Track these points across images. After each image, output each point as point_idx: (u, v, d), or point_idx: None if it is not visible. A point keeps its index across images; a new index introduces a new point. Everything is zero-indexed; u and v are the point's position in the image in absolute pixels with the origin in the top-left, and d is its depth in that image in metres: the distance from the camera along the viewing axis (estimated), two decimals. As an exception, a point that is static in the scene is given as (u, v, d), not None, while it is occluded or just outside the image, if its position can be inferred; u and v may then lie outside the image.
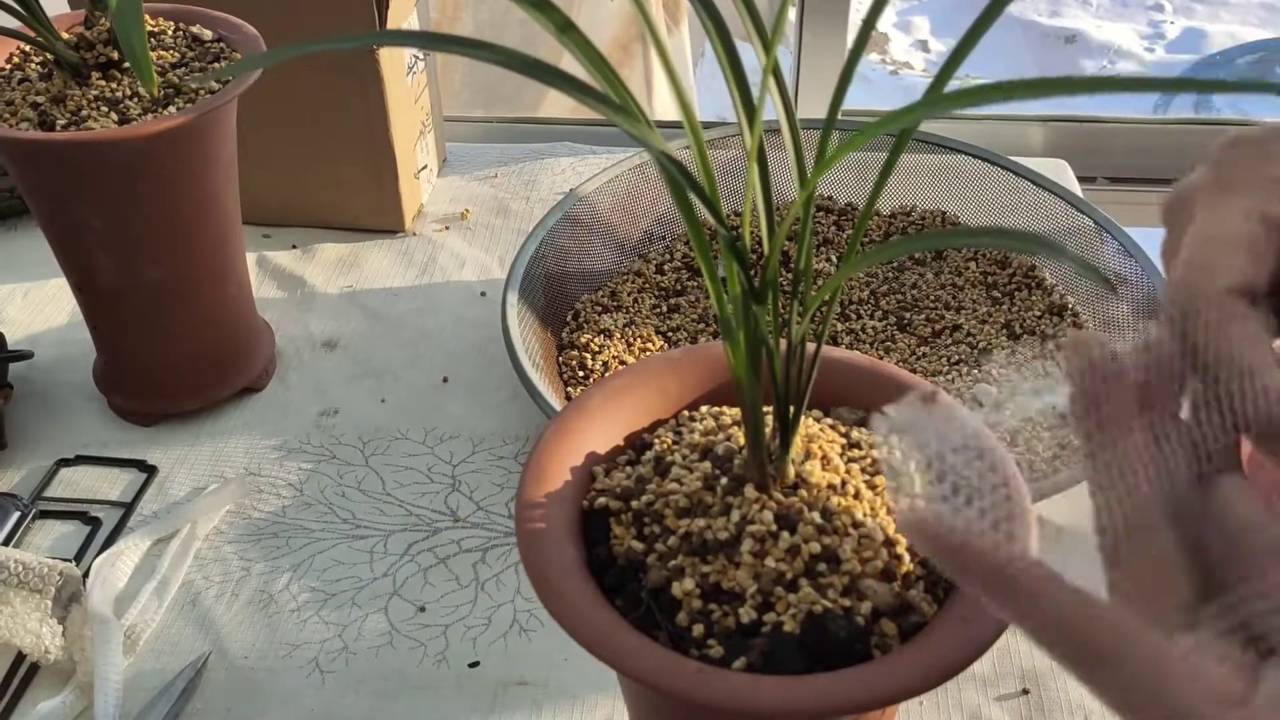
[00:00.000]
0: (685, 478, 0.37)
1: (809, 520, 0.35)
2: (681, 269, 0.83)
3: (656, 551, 0.36)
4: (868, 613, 0.34)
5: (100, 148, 0.61)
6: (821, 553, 0.35)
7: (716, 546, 0.35)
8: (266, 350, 0.77)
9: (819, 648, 0.33)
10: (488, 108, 1.55)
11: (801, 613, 0.34)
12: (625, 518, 0.38)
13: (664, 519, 0.37)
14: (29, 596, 0.59)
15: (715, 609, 0.35)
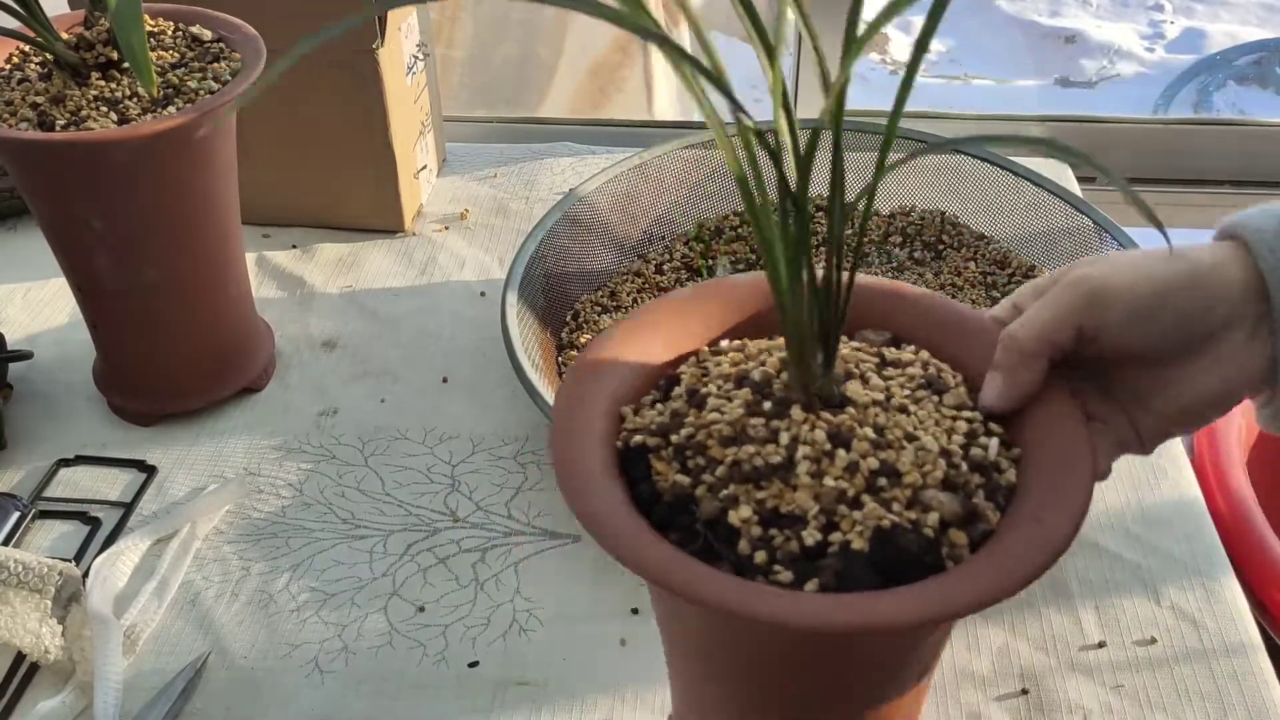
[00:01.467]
0: (725, 407, 0.37)
1: (863, 436, 0.35)
2: (681, 269, 0.82)
3: (704, 483, 0.35)
4: (935, 524, 0.33)
5: (100, 148, 0.61)
6: (880, 467, 0.34)
7: (769, 471, 0.34)
8: (266, 350, 0.77)
9: (890, 563, 0.33)
10: (488, 108, 1.55)
11: (869, 529, 0.33)
12: (665, 453, 0.37)
13: (708, 450, 0.36)
14: (29, 596, 0.59)
15: (776, 534, 0.34)
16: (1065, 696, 0.57)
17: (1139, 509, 0.67)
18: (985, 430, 0.37)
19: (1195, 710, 0.56)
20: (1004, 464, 0.36)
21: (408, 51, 0.87)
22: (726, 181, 0.87)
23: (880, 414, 0.35)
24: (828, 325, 0.36)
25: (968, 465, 0.35)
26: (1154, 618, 0.61)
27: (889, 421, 0.35)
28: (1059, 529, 0.32)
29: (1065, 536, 0.32)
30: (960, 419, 0.36)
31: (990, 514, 0.34)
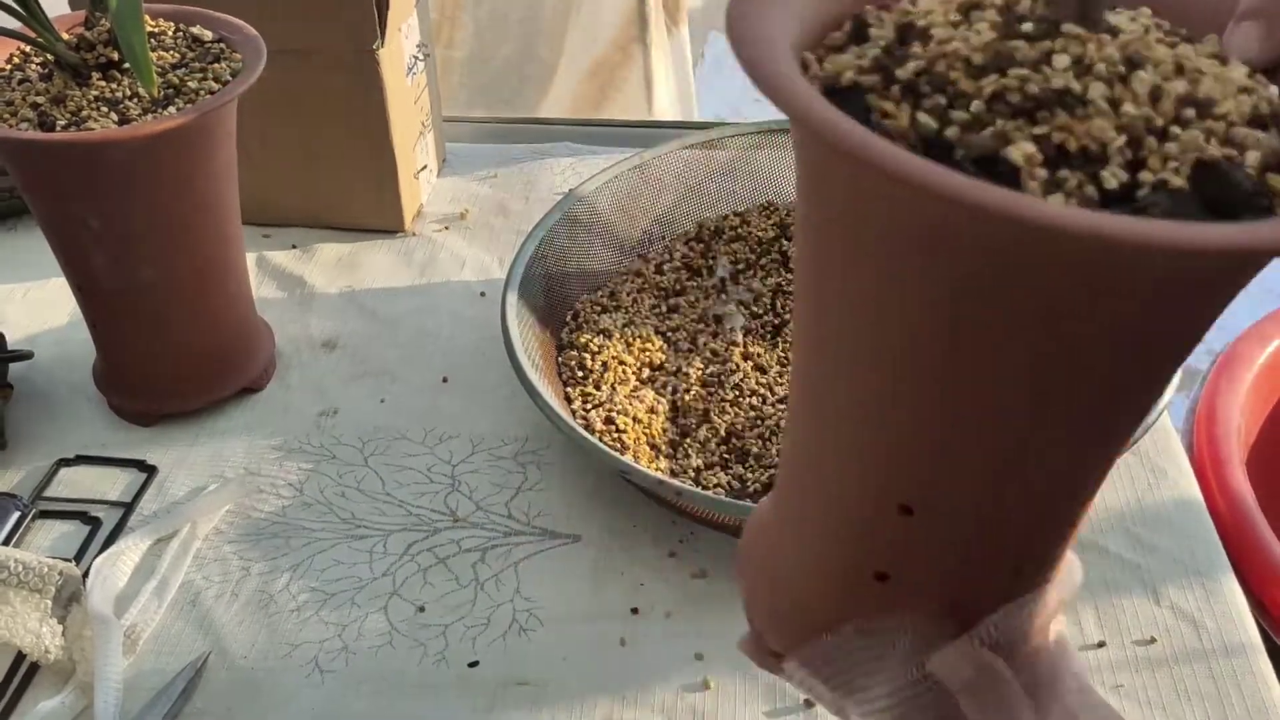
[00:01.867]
0: (965, 33, 0.30)
1: (1159, 59, 0.28)
2: (681, 269, 0.83)
3: (955, 122, 0.28)
4: (1256, 164, 0.27)
5: (100, 148, 0.61)
6: (1185, 95, 0.28)
7: (1051, 100, 0.28)
8: (266, 350, 0.77)
9: (1218, 202, 0.27)
10: (487, 108, 1.55)
11: (1187, 164, 0.27)
12: (891, 92, 0.29)
13: (953, 83, 0.29)
14: (29, 596, 0.59)
15: (1068, 175, 0.27)
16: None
17: (1139, 509, 0.67)
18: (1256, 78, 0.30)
19: (1195, 710, 0.56)
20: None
21: (408, 52, 0.87)
22: (726, 181, 0.87)
23: (1163, 39, 0.29)
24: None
25: (1268, 105, 0.29)
26: (1154, 618, 0.61)
27: (1171, 51, 0.29)
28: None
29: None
30: (1227, 62, 0.30)
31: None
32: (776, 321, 0.79)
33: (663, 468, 0.67)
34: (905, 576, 0.31)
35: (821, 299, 0.30)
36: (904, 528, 0.30)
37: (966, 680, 0.30)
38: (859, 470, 0.31)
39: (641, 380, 0.74)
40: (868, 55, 0.30)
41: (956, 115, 0.28)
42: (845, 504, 0.32)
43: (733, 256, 0.83)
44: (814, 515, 0.34)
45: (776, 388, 0.73)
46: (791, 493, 0.35)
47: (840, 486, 0.32)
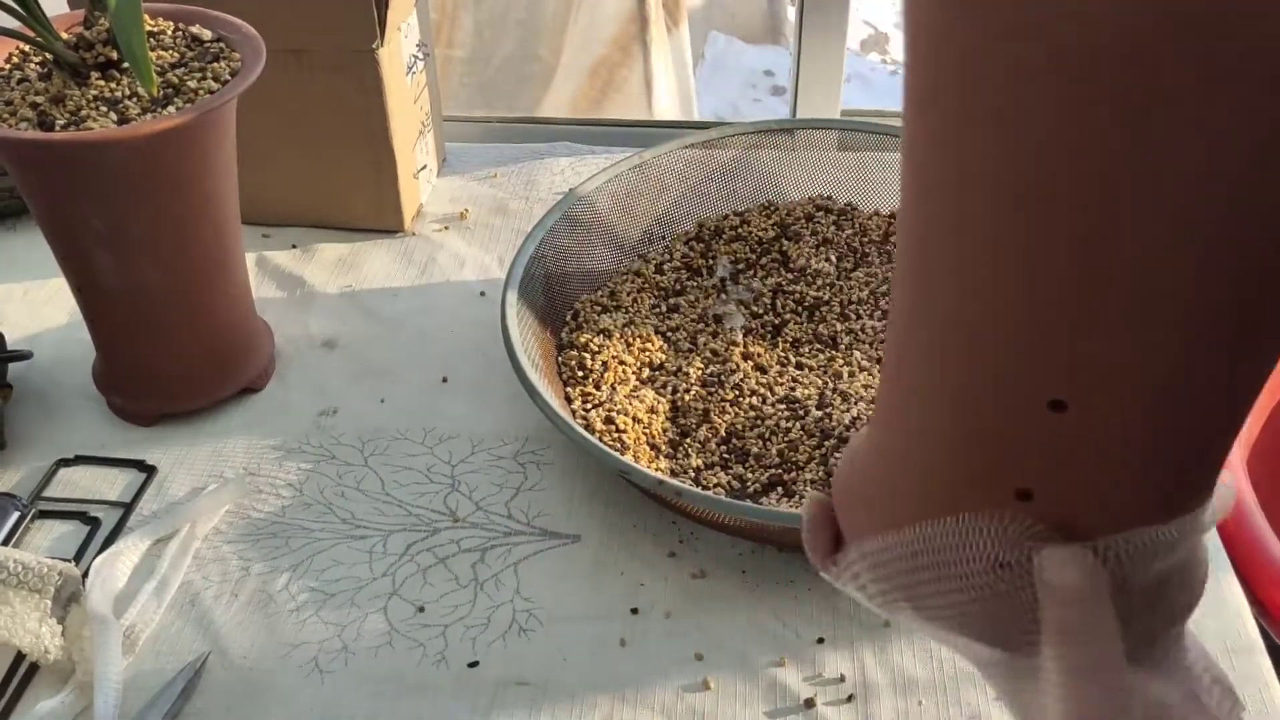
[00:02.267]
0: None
1: None
2: (681, 269, 0.82)
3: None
4: None
5: (100, 148, 0.61)
6: None
7: None
8: (266, 350, 0.77)
9: None
10: (487, 108, 1.55)
11: None
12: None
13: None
14: (28, 596, 0.59)
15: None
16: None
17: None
18: None
19: (1195, 710, 0.56)
20: None
21: (408, 51, 0.87)
22: (726, 181, 0.87)
23: None
24: None
25: None
26: (1154, 618, 0.61)
27: None
28: None
29: None
30: None
31: None
32: (776, 321, 0.79)
33: (663, 468, 0.67)
34: (1047, 490, 0.26)
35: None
36: (1053, 429, 0.25)
37: (1061, 587, 0.26)
38: (1002, 358, 0.25)
39: (641, 380, 0.74)
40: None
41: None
42: (979, 406, 0.26)
43: (733, 256, 0.83)
44: (935, 425, 0.28)
45: (776, 388, 0.73)
46: (903, 404, 0.29)
47: (975, 382, 0.26)
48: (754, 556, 0.64)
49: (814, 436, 0.68)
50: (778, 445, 0.68)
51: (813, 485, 0.66)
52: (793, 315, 0.79)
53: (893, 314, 0.29)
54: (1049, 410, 0.25)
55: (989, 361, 0.25)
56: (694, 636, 0.60)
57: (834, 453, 0.67)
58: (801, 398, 0.71)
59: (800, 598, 0.62)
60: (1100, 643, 0.26)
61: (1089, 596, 0.26)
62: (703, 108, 2.02)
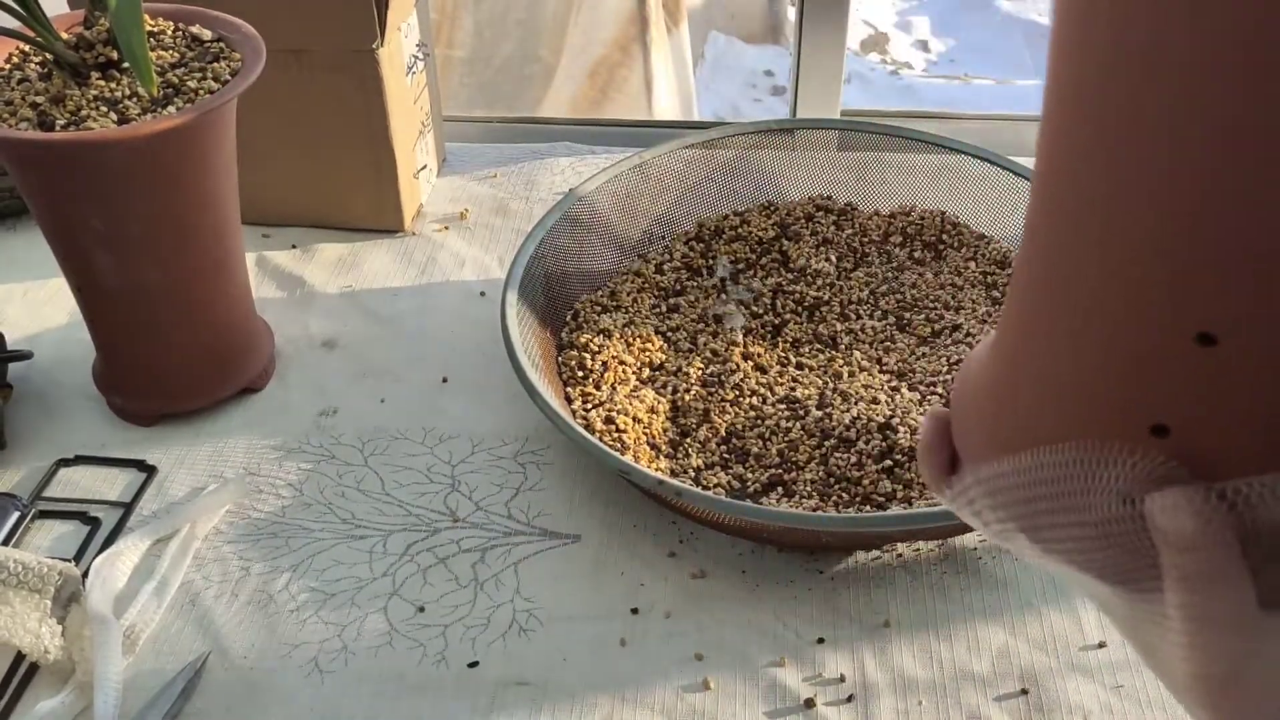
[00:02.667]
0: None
1: None
2: (681, 269, 0.82)
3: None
4: None
5: (100, 148, 0.61)
6: None
7: None
8: (266, 350, 0.77)
9: None
10: (487, 108, 1.55)
11: None
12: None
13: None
14: (28, 596, 0.59)
15: None
16: (1065, 697, 0.57)
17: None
18: None
19: (1195, 710, 0.56)
20: None
21: (408, 51, 0.87)
22: (726, 181, 0.87)
23: None
24: None
25: None
26: (1154, 618, 0.61)
27: None
28: None
29: None
30: None
31: None
32: (776, 321, 0.79)
33: (663, 468, 0.67)
34: (1186, 427, 0.24)
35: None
36: (1199, 364, 0.23)
37: (1173, 531, 0.24)
38: (1142, 289, 0.23)
39: (641, 380, 0.74)
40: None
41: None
42: (1116, 337, 0.24)
43: (733, 256, 0.83)
44: (1071, 344, 0.26)
45: (776, 388, 0.73)
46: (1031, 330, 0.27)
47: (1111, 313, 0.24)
48: (754, 556, 0.64)
49: (814, 436, 0.68)
50: (778, 445, 0.68)
51: (812, 485, 0.66)
52: (793, 315, 0.79)
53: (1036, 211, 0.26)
54: (1197, 344, 0.23)
55: (1137, 278, 0.23)
56: (694, 636, 0.60)
57: (834, 453, 0.67)
58: (801, 398, 0.71)
59: (800, 598, 0.62)
60: (1226, 592, 0.24)
61: (1209, 543, 0.24)
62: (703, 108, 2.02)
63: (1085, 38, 0.23)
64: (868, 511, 0.64)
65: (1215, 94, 0.20)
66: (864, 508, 0.64)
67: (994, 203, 0.84)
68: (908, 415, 0.69)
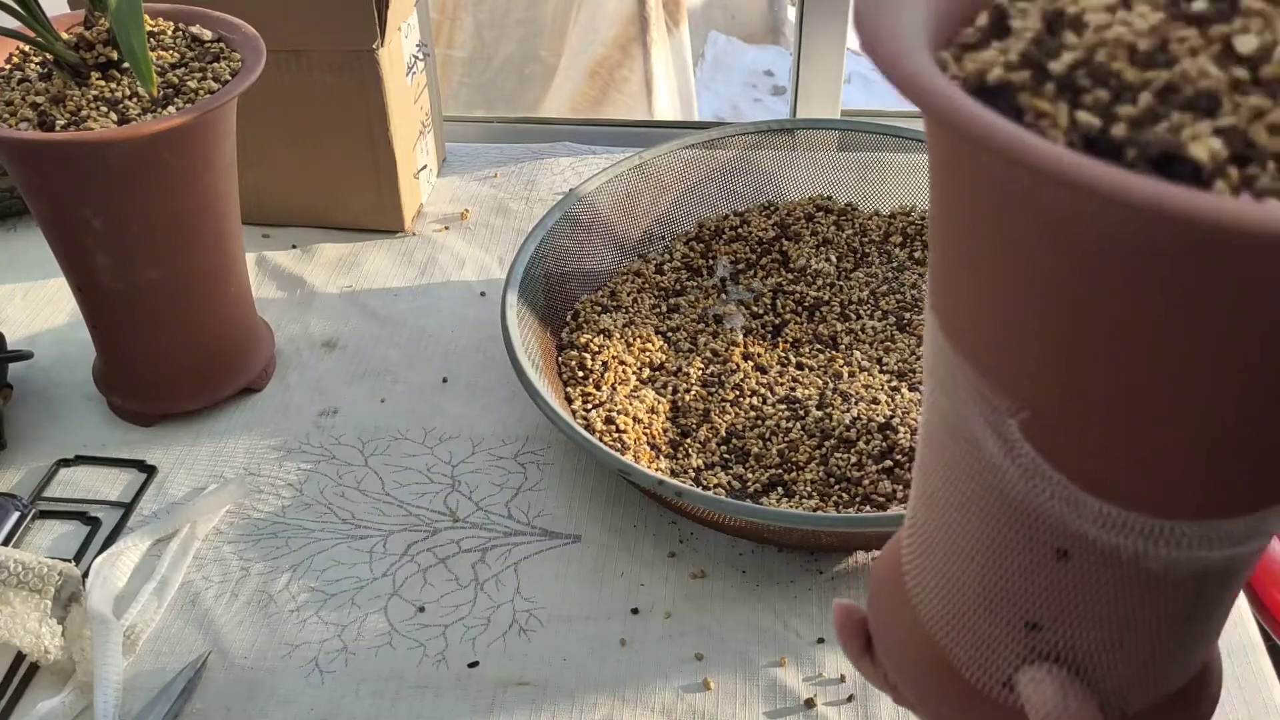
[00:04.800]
0: (1126, 18, 0.27)
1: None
2: (681, 269, 0.83)
3: (1123, 118, 0.25)
4: None
5: (100, 148, 0.61)
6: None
7: (1231, 88, 0.25)
8: (266, 350, 0.77)
9: None
10: (487, 108, 1.55)
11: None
12: (1046, 89, 0.27)
13: (1117, 75, 0.26)
14: (29, 596, 0.59)
15: (1258, 172, 0.24)
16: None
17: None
18: None
19: (1195, 710, 0.56)
20: None
21: (408, 52, 0.87)
22: (726, 181, 0.87)
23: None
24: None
25: None
26: (1154, 618, 0.61)
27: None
28: None
29: None
30: None
31: None
32: (776, 321, 0.79)
33: (663, 468, 0.67)
34: (1051, 625, 0.29)
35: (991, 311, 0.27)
36: (1057, 578, 0.28)
37: (1044, 703, 0.29)
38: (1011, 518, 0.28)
39: (642, 380, 0.74)
40: (1013, 49, 0.27)
41: (1124, 110, 0.25)
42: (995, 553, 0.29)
43: (733, 256, 0.83)
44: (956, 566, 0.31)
45: (776, 388, 0.73)
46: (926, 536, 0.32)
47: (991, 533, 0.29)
48: (754, 556, 0.64)
49: (814, 436, 0.68)
50: (778, 445, 0.68)
51: (812, 485, 0.66)
52: (793, 315, 0.79)
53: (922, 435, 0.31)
54: (1056, 560, 0.27)
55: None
56: (694, 636, 0.60)
57: (834, 453, 0.67)
58: (801, 398, 0.71)
59: (800, 598, 0.62)
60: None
61: (1070, 711, 0.29)
62: (703, 108, 2.02)
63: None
64: (868, 511, 0.64)
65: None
66: (864, 508, 0.64)
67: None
68: (908, 415, 0.69)
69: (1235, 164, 0.24)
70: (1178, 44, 0.25)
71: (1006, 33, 0.28)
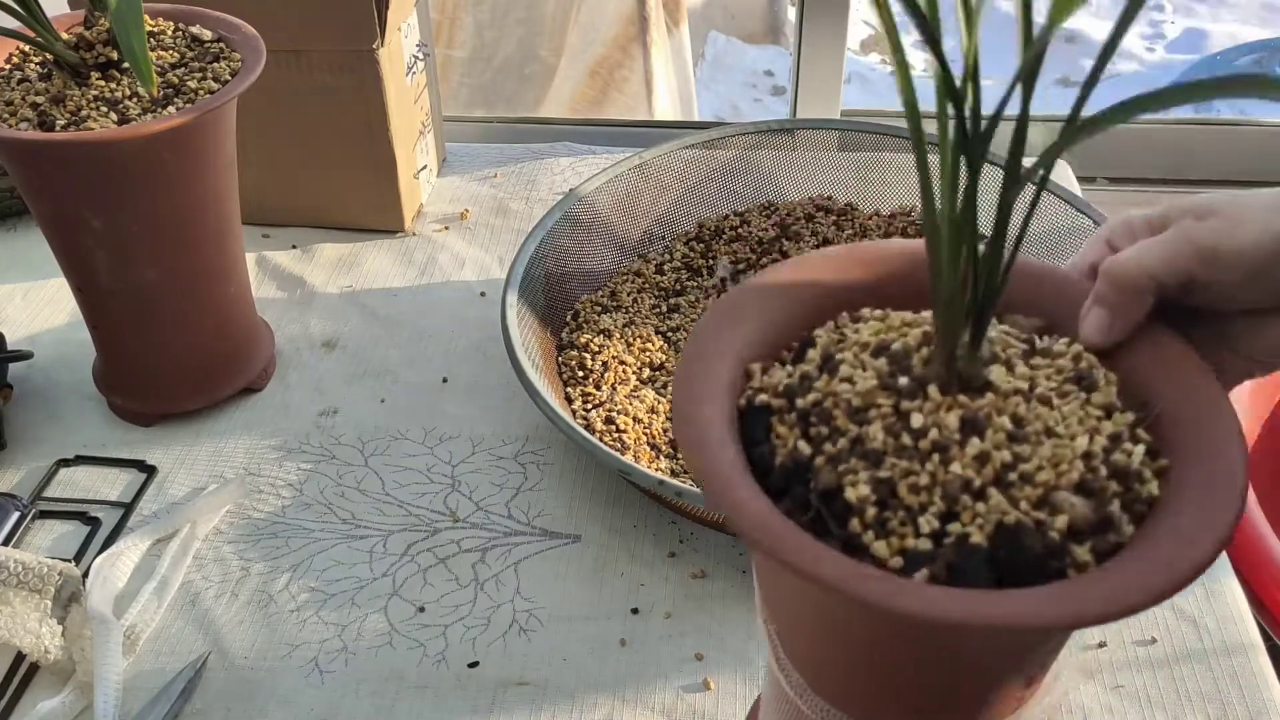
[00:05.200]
0: (857, 376, 0.34)
1: (998, 427, 0.32)
2: (681, 269, 0.82)
3: (825, 454, 0.33)
4: (1062, 528, 0.31)
5: (100, 148, 0.61)
6: (1012, 461, 0.32)
7: (894, 451, 0.32)
8: (266, 350, 0.77)
9: (1009, 563, 0.31)
10: (487, 108, 1.55)
11: (990, 524, 0.31)
12: (789, 417, 0.34)
13: (833, 419, 0.34)
14: (29, 596, 0.59)
15: (892, 516, 0.32)
16: (1065, 697, 0.57)
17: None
18: (1132, 436, 0.34)
19: (1195, 710, 0.56)
20: (1147, 474, 0.33)
21: (408, 52, 0.87)
22: (726, 181, 0.87)
23: (1021, 404, 0.33)
24: (982, 302, 0.33)
25: (1107, 470, 0.32)
26: (1154, 618, 0.61)
27: (1029, 413, 0.33)
28: (1199, 549, 0.30)
29: (1205, 557, 0.30)
30: (1106, 421, 0.34)
31: (1124, 525, 0.32)
32: (776, 321, 0.79)
33: (663, 468, 0.67)
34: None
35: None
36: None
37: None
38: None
39: (642, 380, 0.74)
40: (792, 377, 0.36)
41: (826, 448, 0.33)
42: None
43: (733, 256, 0.83)
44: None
45: (776, 388, 0.73)
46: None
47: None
48: (754, 556, 0.64)
49: (814, 437, 0.69)
50: (778, 445, 0.68)
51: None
52: (793, 315, 0.79)
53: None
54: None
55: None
56: (694, 636, 0.60)
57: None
58: (801, 398, 0.71)
59: (800, 598, 0.62)
60: None
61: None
62: (703, 108, 2.02)
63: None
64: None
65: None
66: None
67: (994, 203, 0.84)
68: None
69: (879, 507, 0.32)
70: (875, 409, 0.33)
71: (804, 358, 0.36)
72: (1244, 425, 0.91)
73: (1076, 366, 0.35)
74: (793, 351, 0.37)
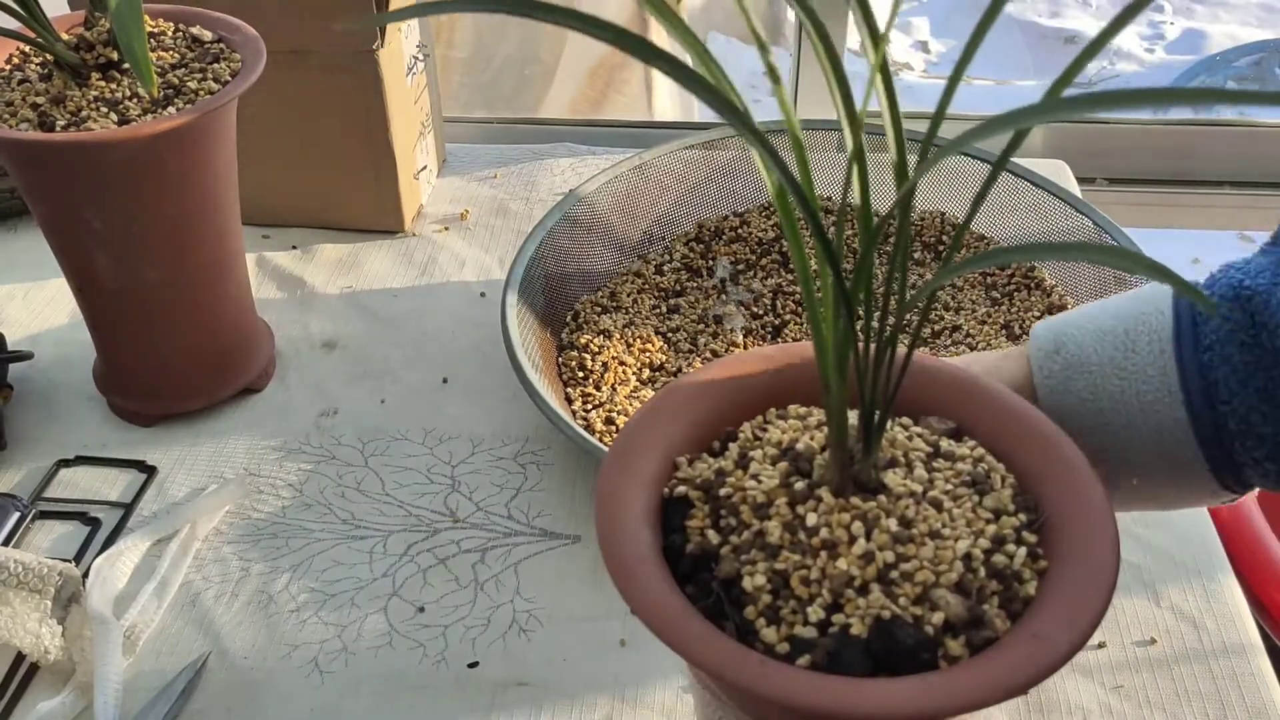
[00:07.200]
0: (763, 474, 0.37)
1: (884, 529, 0.35)
2: (681, 270, 0.83)
3: (731, 544, 0.36)
4: (939, 623, 0.34)
5: (100, 148, 0.61)
6: (895, 560, 0.35)
7: (790, 545, 0.36)
8: (266, 350, 0.77)
9: (885, 653, 0.33)
10: (488, 108, 1.55)
11: (870, 617, 0.34)
12: (704, 508, 0.38)
13: (740, 513, 0.37)
14: (29, 597, 0.59)
15: (784, 605, 0.35)
16: (1065, 697, 0.57)
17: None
18: (1017, 539, 0.36)
19: (1195, 711, 0.56)
20: (1027, 575, 0.35)
21: (408, 52, 0.87)
22: (726, 182, 0.87)
23: (911, 507, 0.36)
24: (872, 409, 0.36)
25: (987, 571, 0.35)
26: (1154, 618, 0.61)
27: (917, 515, 0.36)
28: (1057, 648, 0.32)
29: (1062, 655, 0.32)
30: (994, 524, 0.36)
31: (999, 622, 0.34)
32: (776, 322, 0.79)
33: (663, 468, 0.67)
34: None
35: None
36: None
37: None
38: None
39: (642, 381, 0.74)
40: (710, 470, 0.39)
41: (732, 538, 0.36)
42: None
43: (733, 257, 0.83)
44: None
45: (776, 388, 0.73)
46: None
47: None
48: (754, 557, 0.64)
49: (814, 437, 0.69)
50: (777, 446, 0.68)
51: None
52: (793, 316, 0.79)
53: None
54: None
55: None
56: (694, 637, 0.60)
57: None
58: (801, 398, 0.71)
59: (800, 598, 0.62)
60: None
61: None
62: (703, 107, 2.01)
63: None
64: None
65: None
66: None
67: (994, 203, 0.84)
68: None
69: (773, 596, 0.35)
70: (774, 507, 0.36)
71: (725, 452, 0.40)
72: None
73: (974, 470, 0.38)
74: (720, 443, 0.40)
